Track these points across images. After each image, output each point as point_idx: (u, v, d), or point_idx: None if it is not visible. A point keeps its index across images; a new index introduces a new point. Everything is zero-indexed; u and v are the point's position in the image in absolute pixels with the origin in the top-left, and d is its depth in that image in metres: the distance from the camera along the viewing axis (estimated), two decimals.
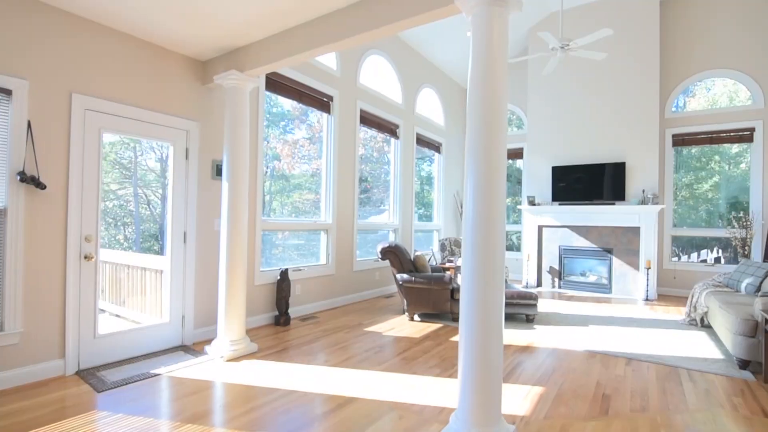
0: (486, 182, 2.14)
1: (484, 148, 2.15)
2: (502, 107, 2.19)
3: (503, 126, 2.19)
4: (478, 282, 2.16)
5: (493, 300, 2.17)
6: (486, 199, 2.14)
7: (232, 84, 3.55)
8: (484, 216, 2.14)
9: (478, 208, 2.15)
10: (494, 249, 2.15)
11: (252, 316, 4.33)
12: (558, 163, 7.39)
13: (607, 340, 4.15)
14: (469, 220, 2.19)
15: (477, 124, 2.18)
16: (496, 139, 2.16)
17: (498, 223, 2.16)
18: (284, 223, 4.84)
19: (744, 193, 6.62)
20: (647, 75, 6.63)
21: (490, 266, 2.15)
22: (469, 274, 2.19)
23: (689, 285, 6.77)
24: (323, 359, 3.45)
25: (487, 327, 2.16)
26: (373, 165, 6.76)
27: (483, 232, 2.15)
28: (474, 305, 2.17)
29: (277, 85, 4.65)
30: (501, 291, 2.21)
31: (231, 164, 3.53)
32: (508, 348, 3.85)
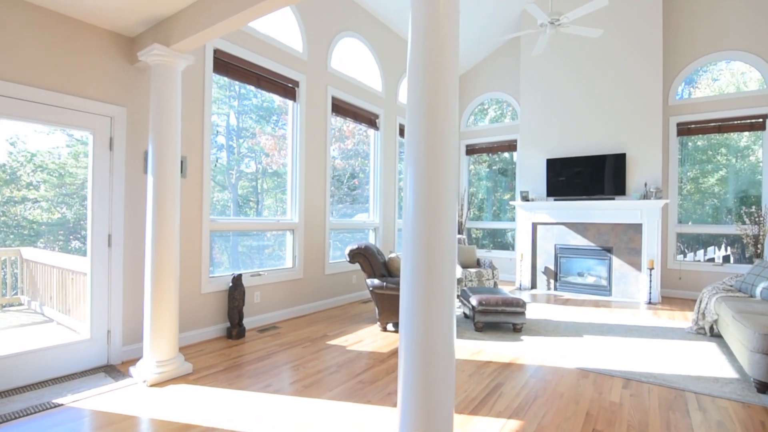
0: (429, 172, 1.63)
1: (427, 133, 1.63)
2: (449, 83, 1.67)
3: (450, 107, 1.67)
4: (418, 291, 1.65)
5: (440, 317, 1.66)
6: (428, 190, 1.63)
7: (157, 61, 3.03)
8: (427, 210, 1.63)
9: (419, 201, 1.64)
10: (440, 252, 1.64)
11: (198, 329, 3.82)
12: (553, 155, 6.83)
13: (602, 354, 3.61)
14: (409, 215, 1.67)
15: (417, 104, 1.66)
16: (442, 124, 1.64)
17: (444, 221, 1.65)
18: (238, 223, 4.31)
19: (754, 187, 6.05)
20: (649, 58, 6.06)
21: (434, 273, 1.64)
22: (408, 283, 1.68)
23: (696, 286, 6.21)
24: (265, 383, 2.94)
25: (431, 351, 1.65)
26: (354, 159, 6.23)
27: (425, 228, 1.64)
28: (414, 322, 1.66)
29: (229, 67, 4.13)
30: (449, 303, 1.70)
31: (157, 156, 3.01)
32: (487, 366, 3.33)
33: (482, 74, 8.25)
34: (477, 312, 4.25)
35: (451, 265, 1.66)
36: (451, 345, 1.73)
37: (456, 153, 1.70)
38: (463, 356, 3.56)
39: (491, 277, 5.90)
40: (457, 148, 1.57)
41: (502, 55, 7.97)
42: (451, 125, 1.65)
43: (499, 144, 8.13)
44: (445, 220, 1.63)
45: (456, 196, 1.71)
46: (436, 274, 1.62)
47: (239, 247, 4.49)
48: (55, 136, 3.23)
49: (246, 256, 4.52)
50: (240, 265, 4.44)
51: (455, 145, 1.68)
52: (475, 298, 4.28)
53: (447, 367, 1.72)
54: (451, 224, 1.65)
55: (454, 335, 1.74)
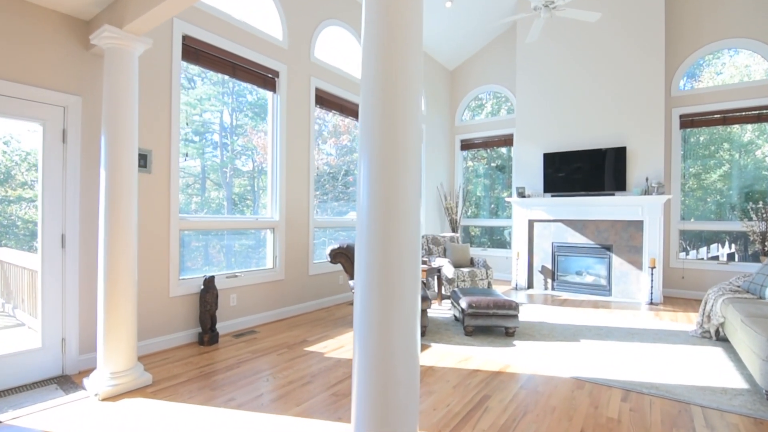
0: (386, 161, 1.37)
1: (383, 116, 1.37)
2: (410, 55, 1.41)
3: (412, 85, 1.42)
4: (371, 298, 1.39)
5: (399, 327, 1.41)
6: (384, 182, 1.37)
7: (110, 44, 2.77)
8: (383, 206, 1.37)
9: (374, 195, 1.38)
10: (398, 253, 1.39)
11: (166, 335, 3.57)
12: (550, 149, 6.55)
13: (600, 361, 3.35)
14: (362, 212, 1.41)
15: (371, 82, 1.40)
16: (402, 105, 1.38)
17: (404, 218, 1.39)
18: (212, 222, 4.05)
19: (759, 182, 5.76)
20: (651, 47, 5.77)
21: (391, 278, 1.39)
22: (361, 289, 1.42)
23: (699, 286, 5.94)
24: (229, 396, 2.68)
25: (388, 367, 1.40)
26: (350, 155, 5.96)
27: (380, 226, 1.39)
28: (367, 334, 1.41)
29: (199, 55, 3.86)
30: (410, 312, 1.44)
31: (110, 148, 2.75)
32: (475, 375, 3.07)
33: (477, 67, 7.97)
34: (467, 315, 3.99)
35: (412, 268, 1.40)
36: (412, 358, 1.48)
37: (418, 139, 1.44)
38: (450, 364, 3.30)
39: (485, 276, 5.64)
40: (420, 134, 1.31)
41: (497, 47, 7.68)
42: (412, 106, 1.39)
43: (494, 139, 7.85)
44: (406, 216, 1.37)
45: (418, 189, 1.45)
46: (394, 278, 1.36)
47: (216, 247, 4.23)
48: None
49: (223, 257, 4.26)
50: (217, 266, 4.18)
51: (417, 130, 1.42)
52: (465, 300, 4.02)
53: (408, 385, 1.46)
54: (412, 222, 1.39)
55: (416, 348, 1.49)
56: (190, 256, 3.94)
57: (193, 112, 4.17)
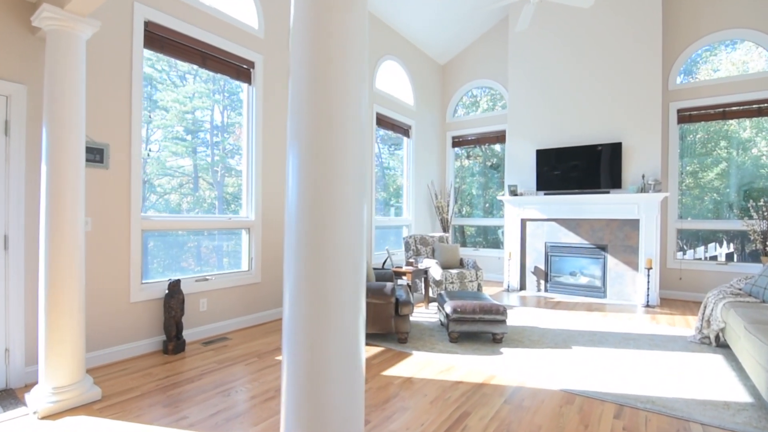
0: (318, 151, 1.13)
1: (315, 94, 1.12)
2: (353, 21, 1.16)
3: (354, 55, 1.17)
4: (300, 309, 1.15)
5: (334, 343, 1.16)
6: (316, 176, 1.12)
7: (51, 26, 2.51)
8: (313, 205, 1.12)
9: (303, 191, 1.13)
10: (334, 258, 1.16)
11: (127, 344, 3.31)
12: (543, 145, 6.32)
13: (592, 371, 3.11)
14: (291, 211, 1.16)
15: (302, 54, 1.16)
16: (343, 82, 1.14)
17: (342, 217, 1.15)
18: (179, 221, 3.79)
19: (759, 180, 5.54)
20: (647, 39, 5.54)
21: (325, 287, 1.15)
22: (289, 296, 1.18)
23: (698, 287, 5.71)
24: (182, 414, 2.43)
25: (320, 388, 1.14)
26: None
27: (310, 227, 1.15)
28: (296, 343, 1.16)
29: (164, 42, 3.60)
30: (349, 326, 1.20)
31: (52, 140, 2.50)
32: (456, 388, 2.83)
33: (469, 61, 7.72)
34: (451, 321, 3.75)
35: (353, 278, 1.16)
36: (355, 379, 1.23)
37: (361, 125, 1.20)
38: (430, 374, 3.06)
39: (475, 278, 5.40)
40: (370, 119, 1.05)
41: (490, 40, 7.44)
42: (355, 80, 1.15)
43: (488, 135, 7.60)
44: (345, 215, 1.13)
45: (365, 184, 1.21)
46: (328, 291, 1.13)
47: (186, 248, 3.97)
48: None
49: (193, 259, 4.01)
50: (186, 269, 3.93)
51: (362, 113, 1.18)
52: (450, 304, 3.78)
53: (348, 413, 1.21)
54: (353, 221, 1.16)
55: (358, 366, 1.24)
56: (155, 259, 3.68)
57: (184, 109, 3.98)
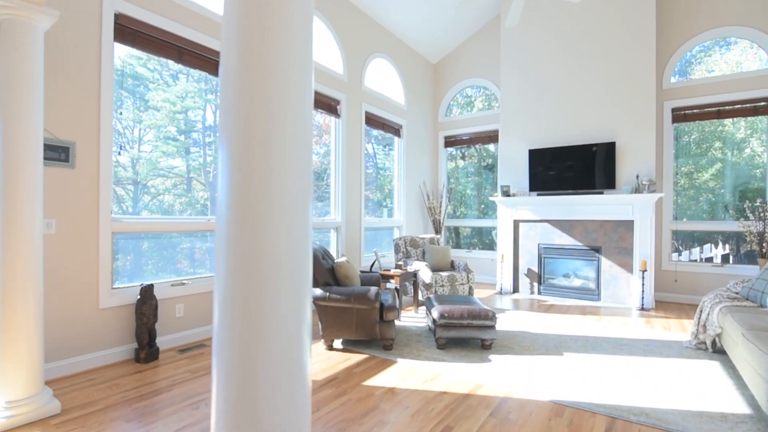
0: (248, 148, 0.98)
1: (248, 83, 0.97)
2: None
3: (296, 33, 1.02)
4: (227, 318, 0.99)
5: (268, 361, 1.00)
6: (246, 176, 0.97)
7: (5, 15, 2.34)
8: (243, 207, 0.97)
9: (233, 192, 0.98)
10: (270, 264, 1.00)
11: (96, 352, 3.14)
12: (536, 145, 6.19)
13: (584, 379, 2.97)
14: (221, 214, 1.01)
15: (233, 36, 1.01)
16: (286, 71, 0.99)
17: (278, 220, 0.99)
18: (152, 223, 3.61)
19: (754, 181, 5.44)
20: (641, 36, 5.42)
21: (258, 299, 0.99)
22: (218, 309, 1.02)
23: (693, 290, 5.59)
24: (146, 429, 2.27)
25: (250, 401, 0.99)
26: (328, 154, 5.56)
27: (239, 231, 0.98)
28: (225, 367, 1.00)
29: (136, 36, 3.44)
30: (292, 344, 1.04)
31: (5, 139, 2.33)
32: (441, 399, 2.68)
33: (461, 60, 7.59)
34: (438, 326, 3.60)
35: (292, 285, 1.01)
36: (298, 404, 1.08)
37: (302, 116, 1.06)
38: (415, 384, 2.90)
39: (466, 281, 5.26)
40: (310, 111, 0.89)
41: (481, 39, 7.31)
42: (299, 67, 1.00)
43: (480, 135, 7.47)
44: (281, 218, 0.98)
45: (307, 182, 1.06)
46: (261, 304, 0.97)
47: (162, 251, 3.81)
48: None
49: (169, 262, 3.84)
50: (162, 273, 3.76)
51: (305, 103, 1.04)
52: (437, 309, 3.63)
53: None
54: (291, 223, 1.00)
55: (301, 387, 1.09)
56: (128, 262, 3.52)
57: (175, 109, 3.86)
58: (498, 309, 5.21)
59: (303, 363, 1.04)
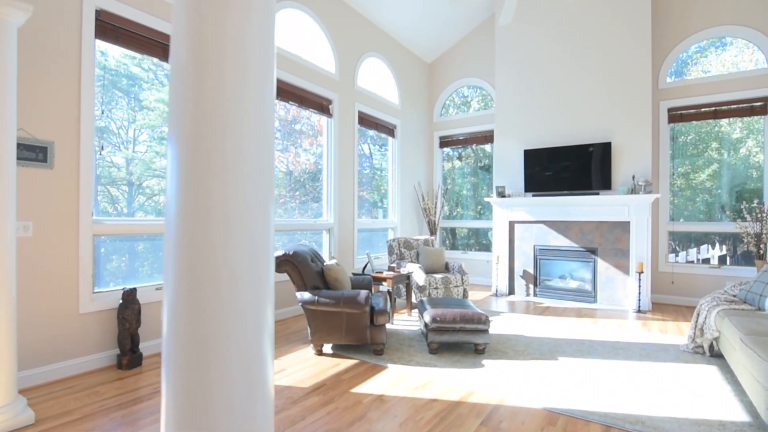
0: (198, 144, 0.89)
1: (200, 71, 0.89)
2: None
3: (256, 17, 0.92)
4: (180, 328, 0.90)
5: (222, 377, 0.91)
6: (195, 174, 0.88)
7: None
8: (189, 208, 0.88)
9: (181, 192, 0.89)
10: (222, 274, 0.91)
11: (76, 359, 3.04)
12: (531, 145, 6.12)
13: (579, 385, 2.89)
14: (170, 214, 0.92)
15: (180, 37, 0.92)
16: (243, 56, 0.90)
17: (233, 223, 0.90)
18: (137, 225, 3.52)
19: (751, 181, 5.38)
20: (637, 35, 5.36)
21: (208, 314, 0.90)
22: (167, 319, 0.93)
23: (690, 292, 5.53)
24: None
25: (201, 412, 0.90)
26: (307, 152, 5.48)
27: (186, 237, 0.89)
28: (177, 376, 0.91)
29: (119, 33, 3.34)
30: (252, 353, 0.95)
31: None
32: (431, 406, 2.59)
33: (457, 59, 7.52)
34: (430, 330, 3.52)
35: (252, 296, 0.93)
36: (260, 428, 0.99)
37: (263, 110, 0.97)
38: (404, 391, 2.82)
39: (460, 283, 5.17)
40: (272, 104, 0.79)
41: (476, 38, 7.24)
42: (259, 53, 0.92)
43: (476, 135, 7.40)
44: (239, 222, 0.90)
45: (267, 185, 0.98)
46: (217, 313, 0.89)
47: (147, 254, 3.71)
48: None
49: (155, 265, 3.74)
50: (147, 276, 3.66)
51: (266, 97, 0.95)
52: (430, 313, 3.55)
53: None
54: (250, 228, 0.92)
55: (263, 410, 1.00)
56: (111, 265, 3.42)
57: (166, 109, 3.76)
58: (493, 311, 5.14)
59: (263, 382, 0.95)
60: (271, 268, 0.97)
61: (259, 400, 0.95)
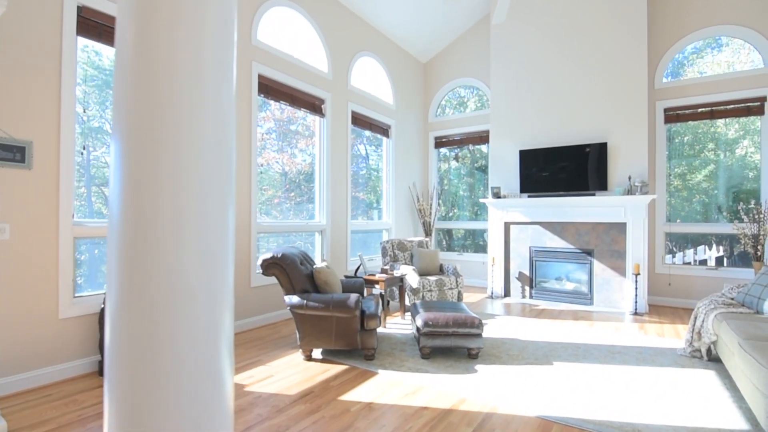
0: (143, 138, 0.80)
1: (145, 53, 0.80)
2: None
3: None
4: (123, 343, 0.82)
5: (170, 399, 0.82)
6: (139, 172, 0.79)
7: None
8: (141, 213, 0.80)
9: (125, 193, 0.80)
10: (157, 283, 0.82)
11: (55, 366, 2.95)
12: (526, 146, 6.05)
13: (574, 391, 2.82)
14: (113, 217, 0.84)
15: (126, 22, 0.83)
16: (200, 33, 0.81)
17: (181, 226, 0.82)
18: None
19: (748, 182, 5.33)
20: (633, 33, 5.30)
21: (151, 328, 0.81)
22: (111, 329, 0.84)
23: (687, 293, 5.47)
24: None
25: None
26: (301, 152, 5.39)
27: (129, 240, 0.80)
28: (120, 396, 0.83)
29: (104, 30, 3.25)
30: (210, 372, 0.86)
31: None
32: (420, 415, 2.51)
33: (452, 58, 7.45)
34: (422, 335, 3.43)
35: (207, 308, 0.84)
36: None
37: (224, 104, 0.89)
38: (394, 398, 2.73)
39: (455, 285, 5.09)
40: (231, 96, 0.71)
41: (472, 38, 7.18)
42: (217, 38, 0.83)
43: (472, 136, 7.32)
44: (192, 227, 0.81)
45: (226, 187, 0.89)
46: (166, 326, 0.80)
47: None
48: None
49: None
50: None
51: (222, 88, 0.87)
52: (422, 316, 3.47)
53: None
54: (204, 233, 0.84)
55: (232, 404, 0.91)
56: (94, 269, 3.32)
57: None
58: (488, 314, 5.06)
59: (220, 402, 0.87)
60: (229, 281, 0.88)
61: (216, 421, 0.87)
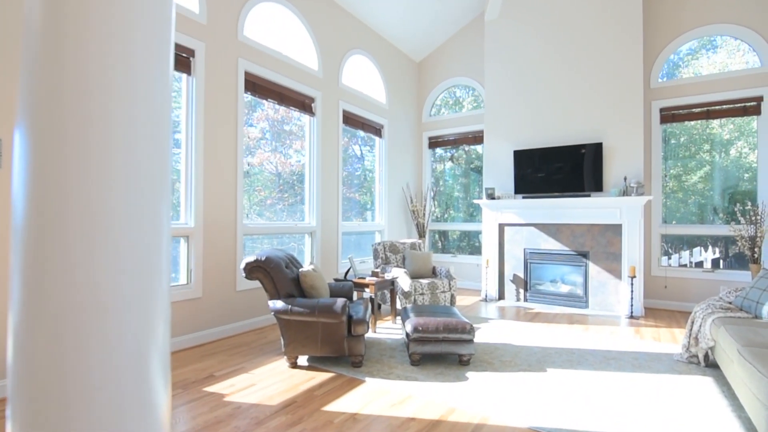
0: (50, 131, 0.68)
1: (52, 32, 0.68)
2: None
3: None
4: (30, 361, 0.69)
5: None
6: (55, 174, 0.67)
7: None
8: (53, 217, 0.67)
9: (30, 190, 0.68)
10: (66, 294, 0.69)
11: None
12: (521, 146, 5.96)
13: (568, 399, 2.71)
14: (17, 218, 0.71)
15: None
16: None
17: (95, 230, 0.70)
18: None
19: (745, 183, 5.25)
20: (629, 31, 5.22)
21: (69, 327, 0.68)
22: (16, 338, 0.72)
23: (684, 296, 5.39)
24: None
25: None
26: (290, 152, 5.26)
27: (32, 243, 0.68)
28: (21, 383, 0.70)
29: None
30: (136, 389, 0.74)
31: None
32: (407, 426, 2.39)
33: (446, 58, 7.35)
34: (412, 341, 3.32)
35: (137, 323, 0.72)
36: None
37: (157, 93, 0.77)
38: (380, 408, 2.61)
39: (447, 288, 4.98)
40: (168, 84, 0.58)
41: (466, 37, 7.08)
42: (150, 14, 0.71)
43: (466, 136, 7.22)
44: (121, 231, 0.69)
45: (160, 186, 0.78)
46: (85, 343, 0.68)
47: None
48: None
49: None
50: None
51: (155, 76, 0.75)
52: (411, 322, 3.35)
53: None
54: (136, 238, 0.72)
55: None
56: None
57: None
58: (481, 318, 4.95)
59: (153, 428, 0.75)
60: (161, 285, 0.77)
61: None
